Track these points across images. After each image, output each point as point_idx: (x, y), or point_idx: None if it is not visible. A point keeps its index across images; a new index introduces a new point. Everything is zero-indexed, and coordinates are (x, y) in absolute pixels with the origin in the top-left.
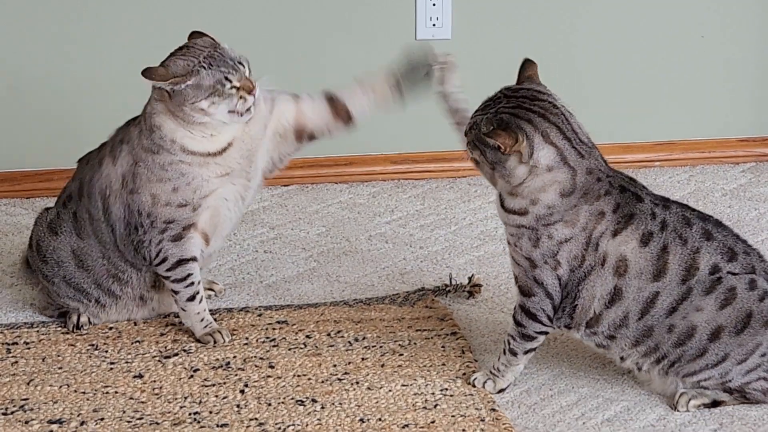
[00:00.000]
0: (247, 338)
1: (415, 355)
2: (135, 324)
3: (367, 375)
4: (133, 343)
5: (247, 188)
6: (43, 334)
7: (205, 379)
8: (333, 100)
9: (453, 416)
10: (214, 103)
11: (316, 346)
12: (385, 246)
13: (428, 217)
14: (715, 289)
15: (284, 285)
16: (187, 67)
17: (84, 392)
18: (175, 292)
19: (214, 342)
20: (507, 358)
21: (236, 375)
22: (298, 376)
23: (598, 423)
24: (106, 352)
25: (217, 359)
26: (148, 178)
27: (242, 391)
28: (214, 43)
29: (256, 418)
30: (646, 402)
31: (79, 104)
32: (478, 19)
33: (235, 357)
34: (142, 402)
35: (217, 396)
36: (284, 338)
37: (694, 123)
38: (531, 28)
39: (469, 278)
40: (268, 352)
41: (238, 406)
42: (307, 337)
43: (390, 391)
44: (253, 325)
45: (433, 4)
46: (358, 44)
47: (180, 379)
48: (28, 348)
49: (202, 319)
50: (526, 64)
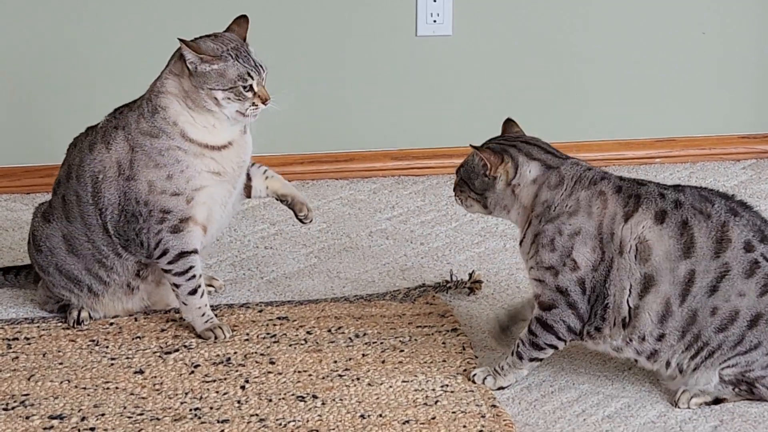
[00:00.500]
0: (247, 334)
1: (416, 352)
2: (135, 320)
3: (368, 371)
4: (133, 339)
5: (230, 194)
6: (43, 330)
7: (206, 375)
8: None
9: (454, 412)
10: (228, 98)
11: (317, 342)
12: (386, 242)
13: (429, 213)
14: (755, 273)
15: (285, 281)
16: (217, 50)
17: (85, 388)
18: (177, 286)
19: (215, 338)
20: (513, 360)
21: (237, 371)
22: (299, 372)
23: (599, 420)
24: (107, 347)
25: (218, 355)
26: (145, 164)
27: (243, 387)
28: (241, 39)
29: (257, 414)
30: (647, 399)
31: (80, 100)
32: (479, 16)
33: (235, 353)
34: (143, 398)
35: (217, 392)
36: (285, 334)
37: (694, 120)
38: (531, 25)
39: (470, 274)
40: (268, 348)
41: (239, 402)
42: (308, 333)
43: (390, 387)
44: (254, 321)
45: (434, 1)
46: (359, 40)
47: (181, 375)
48: (29, 343)
49: (203, 314)
50: (510, 123)
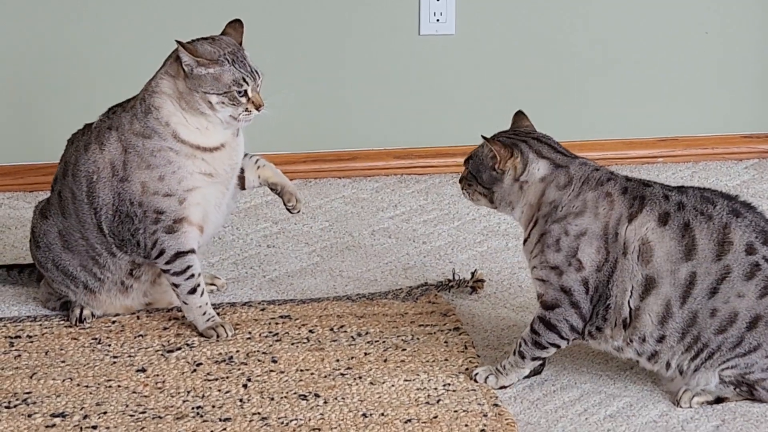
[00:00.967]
0: (250, 333)
1: (418, 351)
2: (138, 318)
3: (370, 370)
4: (136, 337)
5: (224, 195)
6: (46, 328)
7: (208, 374)
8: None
9: (456, 411)
10: (223, 103)
11: (319, 341)
12: (388, 241)
13: (431, 212)
14: (755, 276)
15: (287, 279)
16: (214, 54)
17: (87, 386)
18: (176, 286)
19: (217, 336)
20: (515, 359)
21: (239, 369)
22: (301, 370)
23: (601, 419)
24: (109, 345)
25: (220, 353)
26: (137, 165)
27: (245, 386)
28: (238, 44)
29: (259, 413)
30: (649, 398)
31: (83, 98)
32: (482, 15)
33: (238, 351)
34: (145, 396)
35: (220, 390)
36: (287, 333)
37: (697, 119)
38: (534, 24)
39: (472, 273)
40: (271, 346)
41: (241, 401)
42: (310, 331)
43: (393, 386)
44: (256, 320)
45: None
46: (362, 39)
47: (183, 374)
48: (31, 341)
49: (205, 313)
50: (520, 115)
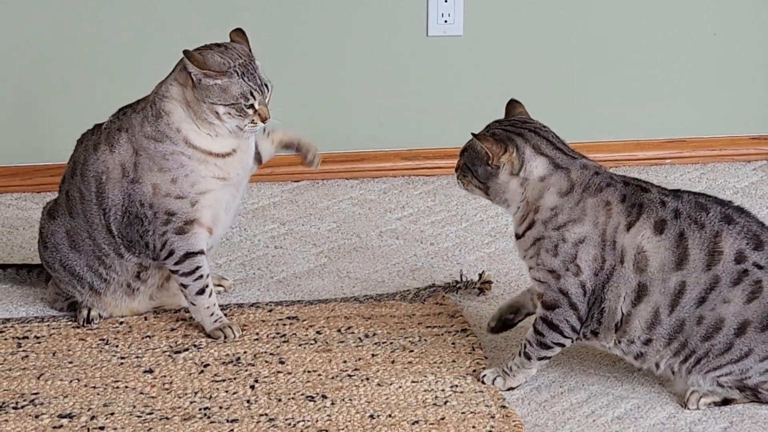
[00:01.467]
0: (257, 334)
1: (426, 352)
2: (145, 319)
3: (377, 371)
4: (143, 338)
5: (234, 197)
6: (53, 329)
7: (216, 375)
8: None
9: (463, 413)
10: (229, 113)
11: (327, 342)
12: (396, 242)
13: (439, 213)
14: (742, 281)
15: (295, 281)
16: (223, 66)
17: (94, 387)
18: (185, 287)
19: (225, 337)
20: (521, 360)
21: (246, 370)
22: (309, 371)
23: (608, 420)
24: (117, 346)
25: (228, 354)
26: (149, 168)
27: (252, 387)
28: (250, 54)
29: (266, 414)
30: (657, 400)
31: (91, 99)
32: (490, 16)
33: (245, 352)
34: (152, 397)
35: (227, 391)
36: (294, 334)
37: (705, 121)
38: (543, 25)
39: (480, 275)
40: (278, 347)
41: (248, 402)
42: (318, 333)
43: (400, 387)
44: (264, 321)
45: (445, 1)
46: (370, 41)
47: (190, 374)
48: (39, 342)
49: (212, 314)
50: (513, 104)
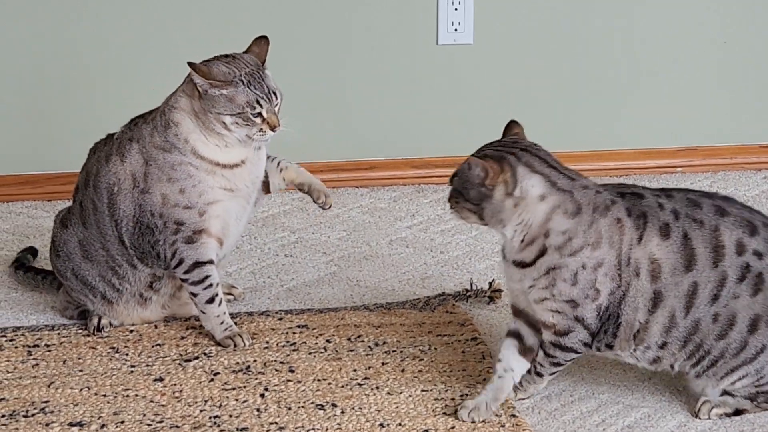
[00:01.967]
0: (267, 342)
1: (436, 361)
2: (156, 327)
3: (387, 380)
4: (153, 347)
5: (245, 209)
6: (64, 337)
7: (225, 383)
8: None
9: (473, 422)
10: (237, 123)
11: (337, 351)
12: (406, 250)
13: (449, 222)
14: (746, 276)
15: (305, 289)
16: (229, 75)
17: (104, 395)
18: (194, 295)
19: (235, 346)
20: (532, 378)
21: (256, 379)
22: (318, 380)
23: (618, 429)
24: (127, 355)
25: (237, 363)
26: (158, 178)
27: (262, 395)
28: (259, 63)
29: (276, 422)
30: (667, 409)
31: (101, 107)
32: (500, 24)
33: (255, 361)
34: (163, 405)
35: (237, 400)
36: (304, 342)
37: (715, 129)
38: (553, 33)
39: (490, 283)
40: (288, 356)
41: (258, 410)
42: (327, 341)
43: (410, 396)
44: (274, 329)
45: (455, 9)
46: (380, 49)
47: (200, 383)
48: (49, 350)
49: (222, 323)
50: (512, 125)
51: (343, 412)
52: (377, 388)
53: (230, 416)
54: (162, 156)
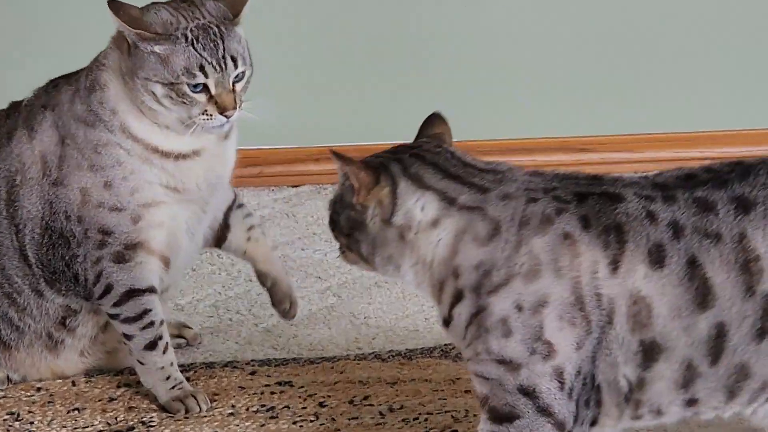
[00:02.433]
0: (233, 407)
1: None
2: (73, 384)
3: None
4: (69, 412)
5: (199, 219)
6: None
7: None
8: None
9: None
10: (170, 97)
11: (334, 419)
12: None
13: None
14: None
15: (289, 329)
16: (168, 26)
17: None
18: (128, 338)
19: (186, 411)
20: None
21: None
22: None
23: None
24: (32, 423)
25: None
26: (77, 164)
27: None
28: (225, 16)
29: None
30: None
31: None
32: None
33: None
34: None
35: None
36: (287, 407)
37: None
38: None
39: None
40: (263, 426)
41: None
42: (320, 405)
43: None
44: (243, 388)
45: None
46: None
47: None
48: None
49: (168, 377)
50: (433, 121)
51: None
52: None
53: None
54: (83, 132)
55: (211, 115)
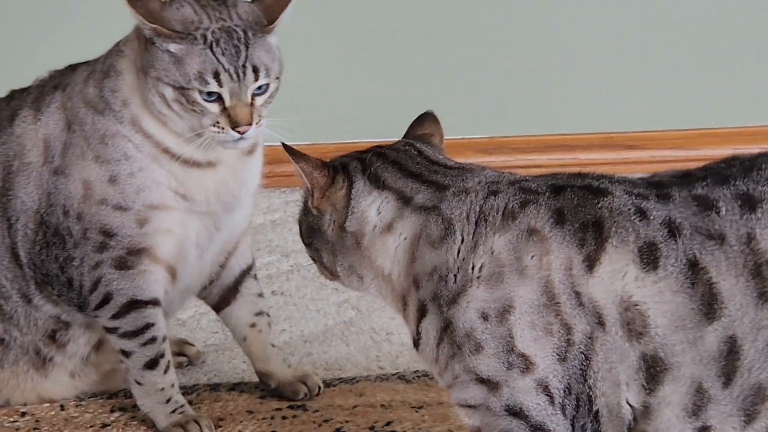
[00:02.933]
0: None
1: None
2: (62, 408)
3: None
4: None
5: (210, 235)
6: None
7: None
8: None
9: None
10: (179, 102)
11: None
12: None
13: None
14: None
15: (303, 347)
16: (188, 24)
17: None
18: (126, 355)
19: None
20: None
21: None
22: None
23: None
24: None
25: None
26: (81, 153)
27: None
28: (258, 21)
29: None
30: None
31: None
32: None
33: None
34: None
35: None
36: None
37: None
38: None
39: None
40: None
41: None
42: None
43: None
44: (251, 412)
45: None
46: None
47: None
48: None
49: (168, 400)
50: (424, 120)
51: None
52: None
53: None
54: (91, 119)
55: (223, 128)
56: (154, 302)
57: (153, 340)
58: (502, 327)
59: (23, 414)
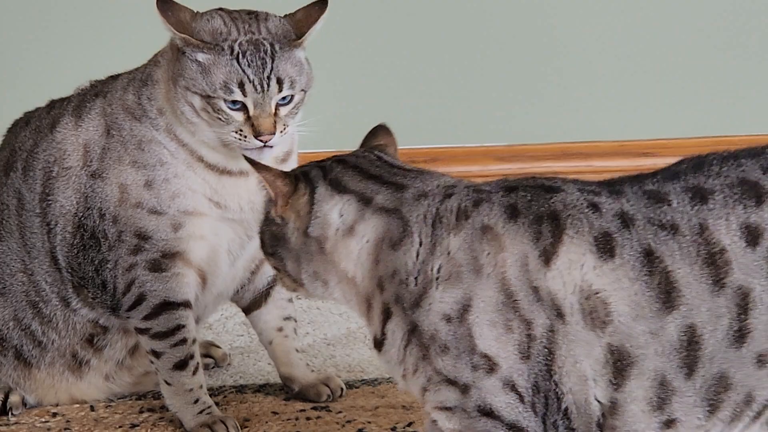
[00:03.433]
0: None
1: None
2: (92, 409)
3: None
4: None
5: (242, 243)
6: None
7: None
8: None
9: None
10: (206, 110)
11: None
12: None
13: None
14: None
15: (326, 349)
16: (217, 35)
17: None
18: (157, 355)
19: None
20: None
21: None
22: None
23: None
24: None
25: None
26: (119, 158)
27: None
28: (286, 34)
29: None
30: None
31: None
32: None
33: None
34: None
35: None
36: None
37: None
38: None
39: None
40: None
41: None
42: None
43: None
44: (277, 413)
45: None
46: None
47: None
48: None
49: (196, 401)
50: (377, 133)
51: None
52: None
53: None
54: (129, 125)
55: (246, 136)
56: (186, 304)
57: (183, 341)
58: (463, 327)
59: (54, 414)
